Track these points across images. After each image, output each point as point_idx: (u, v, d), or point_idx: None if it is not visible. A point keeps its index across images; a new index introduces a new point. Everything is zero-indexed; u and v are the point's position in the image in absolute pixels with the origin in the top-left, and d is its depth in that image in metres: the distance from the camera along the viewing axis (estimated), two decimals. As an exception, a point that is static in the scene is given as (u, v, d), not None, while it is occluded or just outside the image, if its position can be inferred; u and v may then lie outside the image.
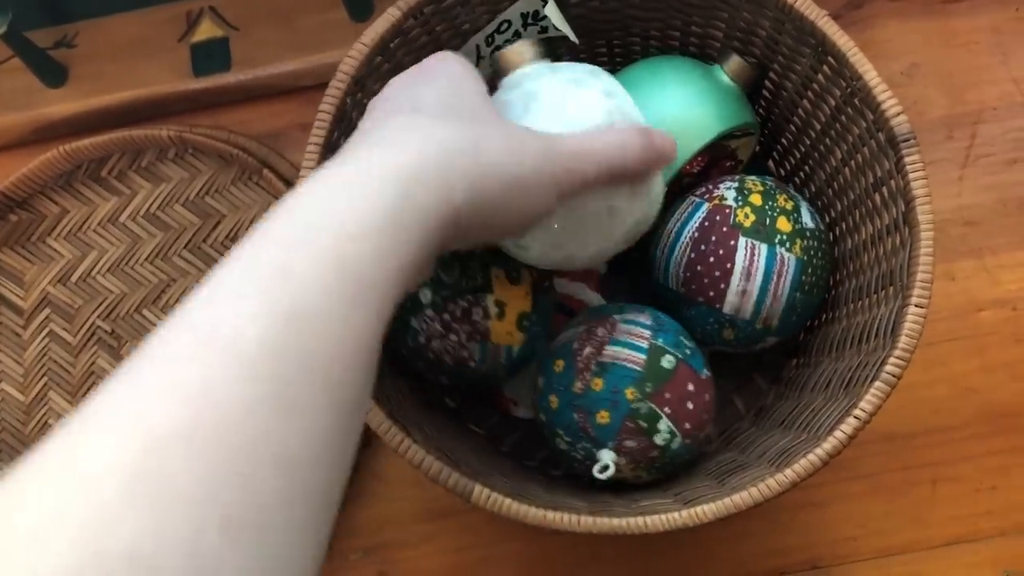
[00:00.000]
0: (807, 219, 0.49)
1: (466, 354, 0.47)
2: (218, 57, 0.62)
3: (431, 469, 0.41)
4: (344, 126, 0.46)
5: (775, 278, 0.47)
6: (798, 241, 0.48)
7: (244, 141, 0.60)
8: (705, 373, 0.48)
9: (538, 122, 0.43)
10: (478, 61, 0.51)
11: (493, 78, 0.49)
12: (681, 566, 0.56)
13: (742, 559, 0.56)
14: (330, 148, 0.44)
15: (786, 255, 0.48)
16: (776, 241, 0.48)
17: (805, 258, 0.48)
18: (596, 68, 0.46)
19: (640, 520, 0.40)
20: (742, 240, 0.48)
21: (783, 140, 0.56)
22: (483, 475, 0.44)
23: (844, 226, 0.51)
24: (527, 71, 0.45)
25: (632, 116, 0.44)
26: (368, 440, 0.57)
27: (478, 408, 0.56)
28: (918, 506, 0.56)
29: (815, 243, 0.49)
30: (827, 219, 0.53)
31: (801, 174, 0.55)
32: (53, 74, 0.62)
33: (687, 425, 0.46)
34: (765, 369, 0.57)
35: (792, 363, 0.55)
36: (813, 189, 0.54)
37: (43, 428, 0.59)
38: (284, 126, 0.63)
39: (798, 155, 0.55)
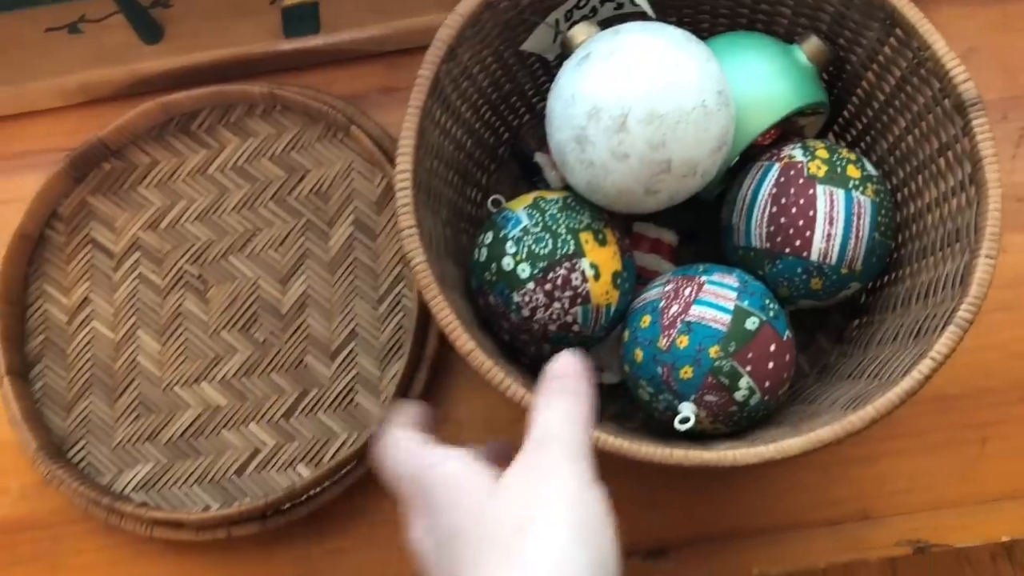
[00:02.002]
0: (870, 167, 0.52)
1: (570, 319, 0.50)
2: (307, 20, 0.65)
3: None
4: (437, 93, 0.49)
5: (855, 220, 0.50)
6: (868, 185, 0.51)
7: (332, 100, 0.63)
8: (787, 335, 0.50)
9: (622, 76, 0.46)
10: (556, 36, 0.54)
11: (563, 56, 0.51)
12: (737, 515, 0.58)
13: (795, 510, 0.58)
14: (426, 112, 0.47)
15: (862, 198, 0.50)
16: (850, 186, 0.50)
17: (877, 200, 0.51)
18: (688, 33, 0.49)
19: (730, 454, 0.42)
20: (819, 188, 0.50)
21: (845, 112, 0.58)
22: None
23: (906, 191, 0.54)
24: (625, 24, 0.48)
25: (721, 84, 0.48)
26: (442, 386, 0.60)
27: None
28: (967, 463, 0.58)
29: (882, 187, 0.52)
30: (889, 185, 0.55)
31: (863, 144, 0.58)
32: (150, 31, 0.65)
33: (767, 383, 0.48)
34: (828, 329, 0.59)
35: (854, 323, 0.58)
36: (875, 158, 0.56)
37: (132, 365, 0.62)
38: (366, 89, 0.66)
39: (860, 126, 0.58)
